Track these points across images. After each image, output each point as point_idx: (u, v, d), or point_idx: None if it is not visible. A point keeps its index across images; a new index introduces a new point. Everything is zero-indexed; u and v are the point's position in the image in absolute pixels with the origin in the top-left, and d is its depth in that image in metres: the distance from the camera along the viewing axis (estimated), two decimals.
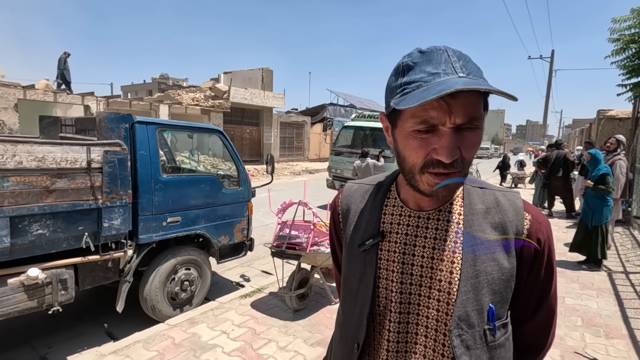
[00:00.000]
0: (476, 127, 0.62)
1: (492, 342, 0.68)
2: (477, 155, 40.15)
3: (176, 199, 3.28)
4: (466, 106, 0.60)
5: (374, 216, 0.78)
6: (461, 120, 0.60)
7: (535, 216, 0.72)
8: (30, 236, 2.43)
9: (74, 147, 2.59)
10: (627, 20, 7.49)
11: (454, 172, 0.64)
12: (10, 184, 2.30)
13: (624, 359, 2.71)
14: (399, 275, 0.72)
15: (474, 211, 0.71)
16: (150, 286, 3.18)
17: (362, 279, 0.76)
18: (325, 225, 3.57)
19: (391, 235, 0.75)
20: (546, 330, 0.78)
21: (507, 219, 0.71)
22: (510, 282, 0.69)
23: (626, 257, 5.11)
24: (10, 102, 10.56)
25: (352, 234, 0.80)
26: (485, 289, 0.67)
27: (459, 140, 0.62)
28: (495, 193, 0.74)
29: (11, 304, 2.42)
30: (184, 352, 2.69)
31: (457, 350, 0.66)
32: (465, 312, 0.67)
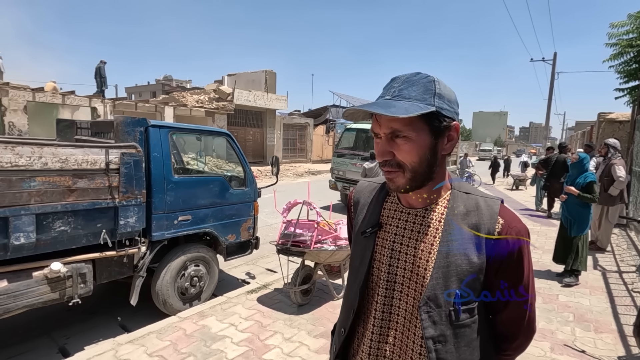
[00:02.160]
0: (404, 137, 0.79)
1: (456, 321, 0.81)
2: (480, 157, 40.17)
3: (187, 198, 3.46)
4: (389, 121, 0.79)
5: (376, 209, 0.95)
6: (387, 131, 0.80)
7: (508, 220, 0.83)
8: (54, 232, 2.61)
9: (93, 149, 2.77)
10: (624, 25, 7.64)
11: (393, 171, 0.82)
12: (36, 184, 2.49)
13: (611, 351, 2.86)
14: (388, 259, 0.89)
15: (454, 213, 0.85)
16: (162, 281, 3.35)
17: (362, 260, 0.93)
18: (328, 224, 3.74)
19: (386, 226, 0.92)
20: (517, 323, 0.89)
21: (482, 221, 0.83)
22: (479, 275, 0.82)
23: (621, 257, 5.24)
24: (20, 104, 10.81)
25: (359, 222, 0.98)
26: (454, 277, 0.81)
27: (393, 146, 0.81)
28: (477, 198, 0.87)
29: (36, 296, 2.60)
30: (196, 342, 2.86)
31: (425, 323, 0.81)
32: (434, 294, 0.81)
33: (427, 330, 0.81)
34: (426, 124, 0.79)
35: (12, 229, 2.38)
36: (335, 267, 3.88)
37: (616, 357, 2.79)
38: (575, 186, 4.18)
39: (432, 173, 0.84)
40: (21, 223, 2.42)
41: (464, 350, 0.83)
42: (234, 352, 2.76)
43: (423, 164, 0.81)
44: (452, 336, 0.82)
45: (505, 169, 18.51)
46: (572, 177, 4.30)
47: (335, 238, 3.59)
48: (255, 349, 2.80)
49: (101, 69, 13.62)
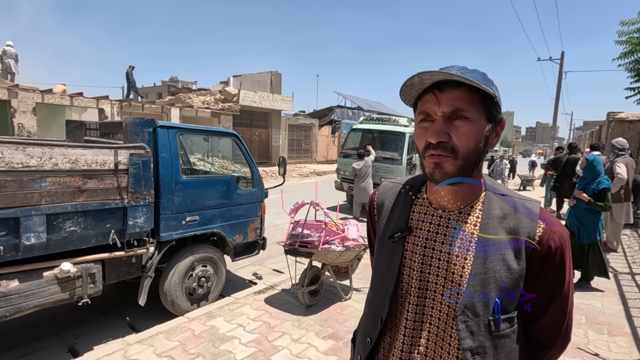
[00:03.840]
0: (465, 118, 0.74)
1: (495, 332, 0.76)
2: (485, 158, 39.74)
3: (194, 199, 3.46)
4: (452, 99, 0.74)
5: (404, 212, 0.90)
6: (447, 110, 0.74)
7: (549, 224, 0.78)
8: (64, 232, 2.63)
9: (103, 150, 2.78)
10: (635, 23, 7.53)
11: (444, 156, 0.76)
12: (47, 184, 2.50)
13: (625, 355, 2.81)
14: (419, 265, 0.84)
15: (490, 215, 0.80)
16: (170, 282, 3.35)
17: (389, 265, 0.88)
18: (335, 225, 3.72)
19: (416, 230, 0.87)
20: (555, 331, 0.84)
21: (521, 225, 0.78)
22: (519, 282, 0.77)
23: (633, 259, 5.16)
24: (29, 105, 10.93)
25: (384, 226, 0.93)
26: (492, 285, 0.76)
27: (450, 128, 0.75)
28: (514, 200, 0.82)
29: (46, 295, 2.61)
30: (204, 343, 2.86)
31: (462, 334, 0.76)
32: (471, 303, 0.76)
33: (464, 341, 0.76)
34: (485, 110, 0.76)
35: (23, 229, 2.39)
36: (343, 267, 3.86)
37: None
38: (587, 192, 3.92)
39: (477, 167, 0.80)
40: (32, 223, 2.43)
41: None
42: (243, 352, 2.75)
43: (475, 153, 0.77)
44: (491, 347, 0.77)
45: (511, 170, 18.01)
46: (585, 182, 4.03)
47: (343, 239, 3.57)
48: (263, 350, 2.79)
49: (130, 73, 14.09)
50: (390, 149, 8.56)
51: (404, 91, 0.79)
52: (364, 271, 4.50)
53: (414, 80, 0.75)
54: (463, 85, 0.74)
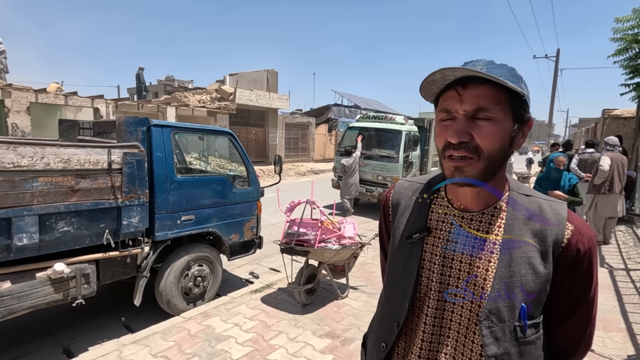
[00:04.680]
0: (489, 118, 0.69)
1: (521, 338, 0.73)
2: None
3: (190, 198, 3.44)
4: (476, 96, 0.69)
5: (422, 212, 0.86)
6: (470, 108, 0.70)
7: (578, 227, 0.75)
8: (57, 233, 2.60)
9: (96, 149, 2.75)
10: (629, 20, 7.55)
11: (466, 157, 0.71)
12: (39, 184, 2.47)
13: (620, 350, 2.82)
14: (439, 267, 0.80)
15: (515, 217, 0.77)
16: (166, 281, 3.33)
17: (406, 267, 0.84)
18: (332, 223, 3.71)
19: (436, 231, 0.83)
20: (579, 337, 0.81)
21: (549, 227, 0.75)
22: (545, 286, 0.74)
23: (628, 255, 5.19)
24: (23, 105, 10.83)
25: (400, 226, 0.88)
26: (518, 289, 0.72)
27: (472, 128, 0.70)
28: (540, 201, 0.79)
29: (39, 296, 2.59)
30: (200, 342, 2.85)
31: (486, 340, 0.72)
32: (496, 307, 0.73)
33: (488, 347, 0.72)
34: (512, 109, 0.71)
35: (15, 229, 2.36)
36: (339, 266, 3.86)
37: (626, 356, 2.76)
38: (562, 190, 3.96)
39: (500, 169, 0.76)
40: (24, 224, 2.40)
41: None
42: (239, 352, 2.74)
43: (500, 155, 0.72)
44: (517, 354, 0.73)
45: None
46: (555, 181, 4.01)
47: (339, 237, 3.56)
48: (260, 349, 2.78)
49: (140, 75, 14.29)
50: (386, 147, 8.56)
51: (424, 87, 0.75)
52: (361, 269, 4.50)
53: (436, 77, 0.71)
54: (488, 82, 0.69)
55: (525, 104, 0.73)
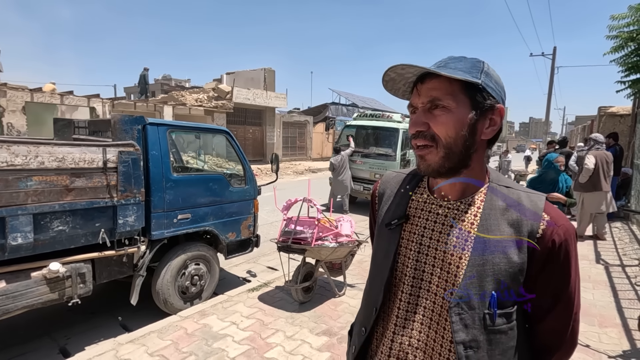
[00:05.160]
0: (443, 107, 0.74)
1: (490, 326, 0.73)
2: None
3: (186, 196, 3.43)
4: (429, 89, 0.75)
5: (403, 200, 0.89)
6: (425, 100, 0.76)
7: (554, 218, 0.76)
8: (52, 232, 2.59)
9: (91, 148, 2.74)
10: (625, 17, 7.56)
11: (427, 146, 0.76)
12: (33, 183, 2.46)
13: (615, 345, 2.84)
14: (415, 254, 0.82)
15: (493, 207, 0.78)
16: (162, 280, 3.32)
17: (386, 254, 0.87)
18: (329, 221, 3.71)
19: (414, 218, 0.85)
20: (560, 334, 0.80)
21: (525, 217, 0.75)
22: (518, 276, 0.74)
23: (623, 251, 5.22)
24: (18, 104, 10.77)
25: (383, 214, 0.92)
26: (490, 277, 0.73)
27: (429, 118, 0.76)
28: (519, 193, 0.80)
29: (35, 296, 2.58)
30: (197, 341, 2.84)
31: (455, 326, 0.74)
32: (467, 294, 0.74)
33: (457, 334, 0.74)
34: (468, 98, 0.75)
35: (10, 229, 2.35)
36: (336, 264, 3.86)
37: (621, 351, 2.77)
38: (560, 192, 3.70)
39: (469, 157, 0.77)
40: (18, 223, 2.39)
41: (499, 359, 0.75)
42: (236, 350, 2.73)
43: (459, 142, 0.75)
44: (485, 342, 0.74)
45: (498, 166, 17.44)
46: (551, 183, 3.74)
47: (336, 235, 3.56)
48: (256, 347, 2.78)
49: (145, 76, 14.53)
50: (384, 145, 8.57)
51: (388, 87, 0.82)
52: (358, 267, 4.50)
53: (391, 76, 0.78)
54: (442, 76, 0.73)
55: (483, 92, 0.75)
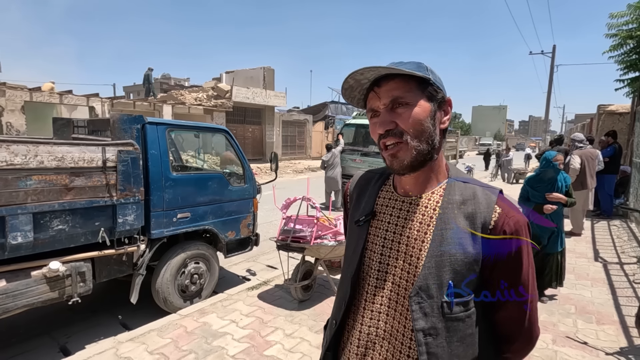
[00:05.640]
0: (406, 104, 0.79)
1: (448, 314, 0.77)
2: (479, 152, 39.95)
3: (185, 195, 3.44)
4: (389, 90, 0.79)
5: (371, 198, 0.94)
6: (387, 101, 0.80)
7: (505, 210, 0.80)
8: (51, 231, 2.60)
9: (90, 147, 2.75)
10: (624, 15, 7.58)
11: (397, 143, 0.80)
12: (32, 182, 2.46)
13: (613, 342, 2.85)
14: (380, 248, 0.87)
15: (451, 201, 0.82)
16: (162, 279, 3.34)
17: (354, 249, 0.92)
18: (328, 220, 3.72)
19: (380, 215, 0.90)
20: (516, 324, 0.84)
21: (479, 210, 0.80)
22: (474, 266, 0.78)
23: (622, 249, 5.24)
24: (17, 104, 10.76)
25: (354, 212, 0.97)
26: (447, 267, 0.77)
27: (394, 116, 0.80)
28: (475, 187, 0.83)
29: (35, 295, 2.59)
30: (197, 339, 2.86)
31: (415, 314, 0.78)
32: (426, 284, 0.78)
33: (417, 322, 0.78)
34: (423, 93, 0.80)
35: (9, 228, 2.36)
36: (335, 262, 3.87)
37: (618, 348, 2.79)
38: (559, 192, 3.46)
39: (435, 149, 0.82)
40: (18, 222, 2.40)
41: (457, 345, 0.79)
42: (235, 348, 2.75)
43: (426, 134, 0.79)
44: (443, 329, 0.78)
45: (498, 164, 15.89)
46: (549, 182, 3.48)
47: (335, 233, 3.57)
48: (256, 345, 2.79)
49: (149, 76, 14.92)
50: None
51: (346, 95, 0.86)
52: None
53: (350, 83, 0.81)
54: (397, 77, 0.79)
55: (434, 86, 0.80)
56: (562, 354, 2.71)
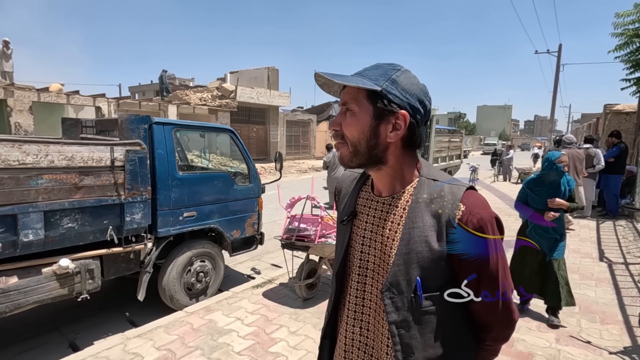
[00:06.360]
0: (350, 111, 0.84)
1: (417, 308, 0.81)
2: (485, 151, 39.69)
3: (191, 195, 3.49)
4: (344, 94, 0.85)
5: (353, 198, 0.98)
6: (341, 104, 0.86)
7: (470, 207, 0.81)
8: (61, 229, 2.65)
9: (99, 147, 2.80)
10: (630, 15, 7.54)
11: (340, 143, 0.87)
12: (43, 181, 2.52)
13: (617, 342, 2.86)
14: (360, 246, 0.92)
15: (419, 200, 0.84)
16: (169, 277, 3.39)
17: (340, 247, 0.97)
18: (332, 218, 3.75)
19: (360, 215, 0.94)
20: (490, 313, 0.87)
21: (444, 207, 0.82)
22: (440, 262, 0.81)
23: (627, 249, 5.21)
24: (25, 104, 10.90)
25: (340, 212, 1.03)
26: (414, 264, 0.81)
27: (342, 119, 0.85)
28: (444, 185, 0.85)
29: (45, 291, 2.65)
30: (202, 336, 2.90)
31: (388, 308, 0.83)
32: (396, 280, 0.82)
33: (390, 315, 0.83)
34: (370, 104, 0.82)
35: (21, 226, 2.42)
36: None
37: (622, 347, 2.79)
38: (562, 197, 3.13)
39: (377, 157, 0.84)
40: (30, 220, 2.46)
41: (430, 336, 0.83)
42: (241, 345, 2.79)
43: (362, 142, 0.83)
44: (415, 322, 0.82)
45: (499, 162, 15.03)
46: (552, 186, 3.16)
47: None
48: (261, 342, 2.83)
49: (163, 76, 15.36)
50: None
51: (324, 89, 0.91)
52: None
53: (322, 81, 0.85)
54: None
55: (384, 98, 0.81)
56: (565, 353, 2.72)
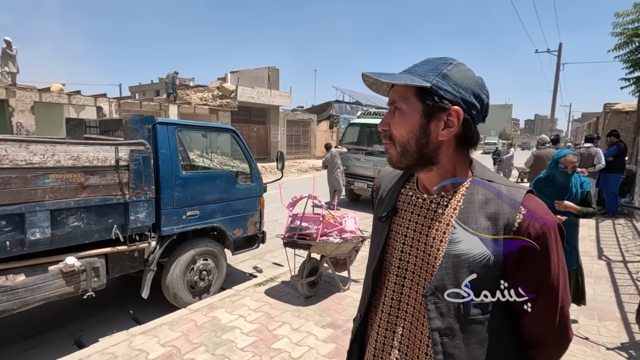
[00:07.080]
0: (399, 109, 0.81)
1: (465, 316, 0.75)
2: (485, 151, 39.70)
3: (194, 194, 3.53)
4: (392, 92, 0.82)
5: (394, 194, 0.94)
6: (389, 102, 0.83)
7: (531, 211, 0.75)
8: (67, 228, 2.69)
9: (103, 147, 2.84)
10: (630, 14, 7.56)
11: (387, 144, 0.85)
12: (50, 181, 2.56)
13: (614, 338, 2.90)
14: (400, 245, 0.87)
15: (472, 200, 0.79)
16: (172, 275, 3.43)
17: (377, 245, 0.93)
18: (333, 217, 3.79)
19: (402, 212, 0.90)
20: (545, 328, 0.79)
21: (502, 210, 0.76)
22: (493, 268, 0.75)
23: (626, 247, 5.25)
24: (27, 104, 10.94)
25: (378, 208, 0.98)
26: (464, 268, 0.75)
27: (391, 119, 0.82)
28: (500, 186, 0.80)
29: (52, 289, 2.69)
30: (206, 333, 2.95)
31: (431, 314, 0.77)
32: (442, 284, 0.76)
33: (433, 321, 0.77)
34: (420, 102, 0.78)
35: (28, 224, 2.46)
36: (341, 259, 3.94)
37: (619, 343, 2.83)
38: (573, 200, 2.86)
39: (428, 156, 0.80)
40: (36, 219, 2.50)
41: (475, 348, 0.76)
42: (244, 342, 2.83)
43: (411, 142, 0.80)
44: (460, 331, 0.76)
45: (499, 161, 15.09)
46: (561, 187, 2.89)
47: (341, 231, 3.64)
48: (264, 339, 2.87)
49: (174, 78, 15.86)
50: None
51: (372, 88, 0.87)
52: (362, 263, 4.58)
53: (370, 80, 0.82)
54: None
55: (435, 96, 0.77)
56: None
